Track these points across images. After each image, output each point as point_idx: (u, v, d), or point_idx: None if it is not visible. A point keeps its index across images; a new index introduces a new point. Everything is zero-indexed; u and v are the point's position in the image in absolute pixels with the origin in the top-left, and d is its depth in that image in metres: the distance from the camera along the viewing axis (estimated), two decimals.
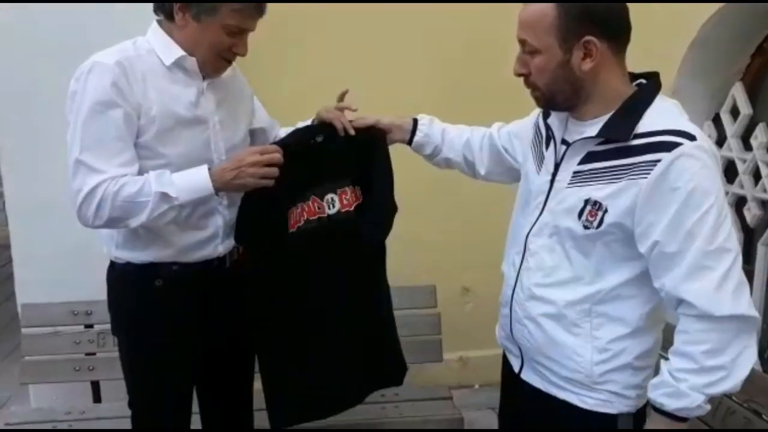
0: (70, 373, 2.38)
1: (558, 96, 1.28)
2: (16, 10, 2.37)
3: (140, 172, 1.47)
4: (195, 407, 1.82)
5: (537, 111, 1.47)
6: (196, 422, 1.84)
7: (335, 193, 1.62)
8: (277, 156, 1.49)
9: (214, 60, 1.52)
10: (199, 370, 1.71)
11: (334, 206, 1.61)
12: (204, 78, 1.56)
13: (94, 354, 2.39)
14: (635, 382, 1.30)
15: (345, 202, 1.62)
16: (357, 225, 1.63)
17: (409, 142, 1.70)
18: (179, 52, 1.51)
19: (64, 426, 2.26)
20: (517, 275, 1.38)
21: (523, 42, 1.27)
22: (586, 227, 1.24)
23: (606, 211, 1.21)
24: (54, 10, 2.35)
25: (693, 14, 2.34)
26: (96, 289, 2.42)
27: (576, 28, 1.20)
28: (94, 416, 2.33)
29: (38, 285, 2.51)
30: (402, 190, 2.84)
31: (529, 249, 1.35)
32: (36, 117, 1.45)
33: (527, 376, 1.41)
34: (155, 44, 1.53)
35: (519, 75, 1.30)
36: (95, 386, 2.44)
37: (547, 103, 1.32)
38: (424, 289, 2.44)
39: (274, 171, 1.49)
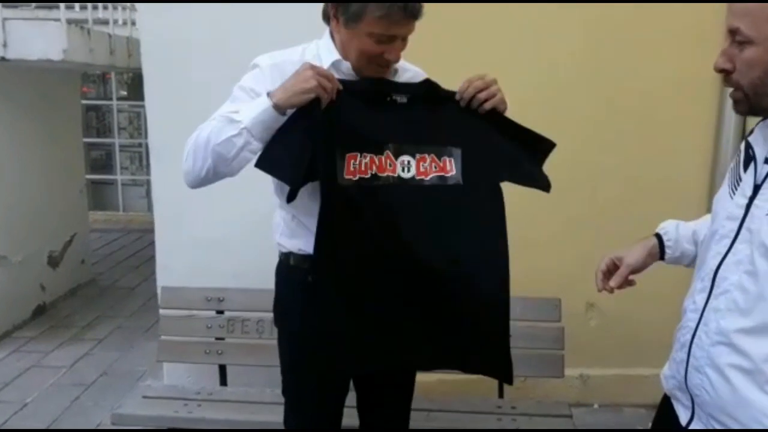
0: (201, 355, 2.52)
1: (765, 99, 1.09)
2: (172, 18, 2.56)
3: None
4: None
5: None
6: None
7: (413, 156, 1.51)
8: (332, 84, 1.44)
9: (366, 65, 1.51)
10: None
11: (409, 170, 1.51)
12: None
13: (222, 339, 2.51)
14: None
15: (422, 169, 1.51)
16: (435, 192, 1.51)
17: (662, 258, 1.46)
18: (336, 56, 1.53)
19: (194, 404, 2.39)
20: (701, 315, 1.17)
21: (734, 31, 1.08)
22: None
23: None
24: (208, 19, 2.51)
25: None
26: (229, 277, 2.57)
27: None
28: (220, 398, 2.44)
29: (177, 270, 2.69)
30: (528, 199, 2.82)
31: (718, 285, 1.14)
32: (185, 115, 1.54)
33: None
34: (322, 48, 1.57)
35: (721, 71, 1.12)
36: (222, 369, 2.56)
37: (750, 106, 1.12)
38: (548, 301, 2.36)
39: (333, 84, 1.44)
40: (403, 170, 1.50)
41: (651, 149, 2.77)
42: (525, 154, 1.61)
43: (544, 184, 1.64)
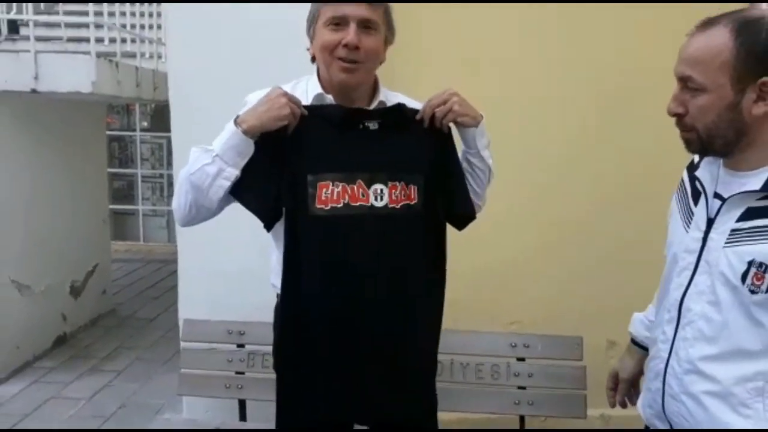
0: (221, 389, 2.51)
1: (717, 140, 1.16)
2: (200, 51, 2.62)
3: None
4: None
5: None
6: None
7: (386, 185, 1.48)
8: (300, 109, 1.46)
9: (331, 62, 1.49)
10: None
11: (382, 199, 1.48)
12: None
13: (243, 373, 2.51)
14: None
15: (394, 197, 1.48)
16: (405, 222, 1.50)
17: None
18: (319, 89, 1.56)
19: None
20: (672, 345, 1.24)
21: (685, 78, 1.16)
22: (753, 292, 1.11)
23: None
24: (235, 53, 2.58)
25: None
26: (250, 311, 2.57)
27: (755, 67, 1.10)
28: None
29: (199, 302, 2.70)
30: (546, 238, 2.82)
31: (684, 316, 1.22)
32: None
33: None
34: (310, 82, 1.59)
35: (674, 115, 1.19)
36: (242, 404, 2.56)
37: (702, 147, 1.19)
38: (569, 340, 2.34)
39: (301, 109, 1.46)
40: (375, 199, 1.48)
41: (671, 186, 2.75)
42: (461, 191, 1.62)
43: (464, 220, 1.64)
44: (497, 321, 2.68)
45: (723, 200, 1.18)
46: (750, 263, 1.11)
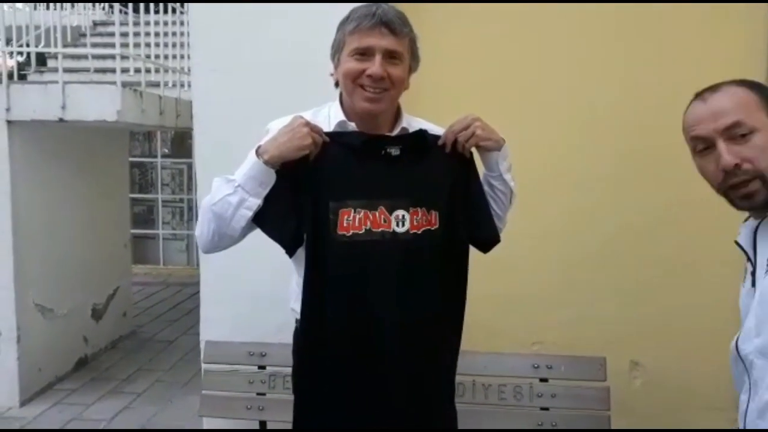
0: (243, 410, 2.52)
1: None
2: (225, 80, 2.68)
3: None
4: None
5: None
6: None
7: (407, 210, 1.49)
8: (321, 137, 1.48)
9: (353, 90, 1.50)
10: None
11: (403, 224, 1.48)
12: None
13: (264, 394, 2.52)
14: None
15: (416, 222, 1.49)
16: (426, 247, 1.51)
17: None
18: (342, 117, 1.56)
19: None
20: (749, 395, 1.17)
21: (732, 126, 1.14)
22: None
23: None
24: (256, 80, 2.63)
25: None
26: (271, 331, 2.58)
27: None
28: None
29: (220, 323, 2.71)
30: (568, 260, 2.82)
31: (745, 358, 1.17)
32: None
33: None
34: (332, 109, 1.60)
35: (736, 166, 1.13)
36: (263, 425, 2.56)
37: None
38: (593, 360, 2.32)
39: (323, 137, 1.47)
40: (397, 225, 1.48)
41: (684, 204, 2.73)
42: (484, 216, 1.62)
43: (489, 243, 1.65)
44: (519, 343, 2.67)
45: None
46: None
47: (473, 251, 1.64)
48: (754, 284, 1.17)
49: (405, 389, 1.53)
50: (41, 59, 5.55)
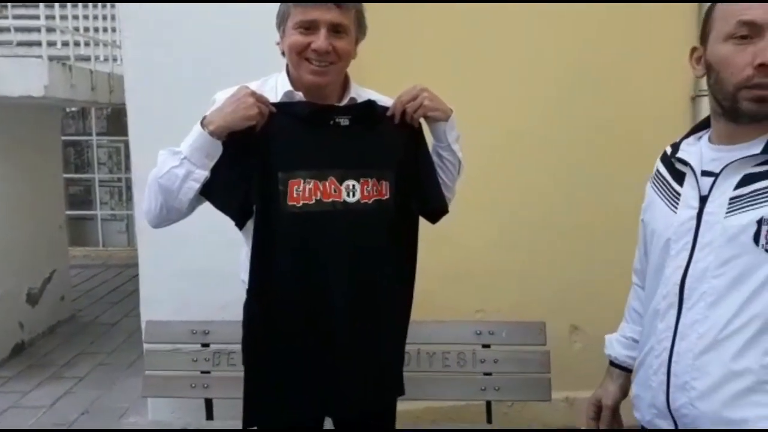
0: (187, 389, 2.48)
1: None
2: (157, 52, 2.59)
3: None
4: None
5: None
6: None
7: (358, 180, 1.49)
8: (268, 108, 1.46)
9: (299, 63, 1.49)
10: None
11: (354, 194, 1.49)
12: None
13: (208, 372, 2.48)
14: None
15: (366, 193, 1.49)
16: (377, 217, 1.51)
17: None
18: (289, 86, 1.54)
19: None
20: (675, 332, 1.17)
21: None
22: None
23: None
24: (193, 52, 2.55)
25: None
26: (214, 309, 2.55)
27: None
28: None
29: (161, 303, 2.66)
30: (508, 221, 2.87)
31: (689, 298, 1.16)
32: (167, 143, 1.56)
33: None
34: (280, 79, 1.57)
35: None
36: (209, 404, 2.53)
37: None
38: (533, 325, 2.38)
39: (269, 108, 1.45)
40: (348, 195, 1.48)
41: (631, 173, 2.82)
42: (433, 186, 1.64)
43: (437, 213, 1.68)
44: (463, 312, 2.71)
45: (715, 176, 1.16)
46: (759, 221, 1.08)
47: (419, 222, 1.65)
48: (700, 215, 1.16)
49: (356, 359, 1.54)
50: None
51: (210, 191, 1.47)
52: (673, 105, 2.86)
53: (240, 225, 1.53)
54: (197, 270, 2.61)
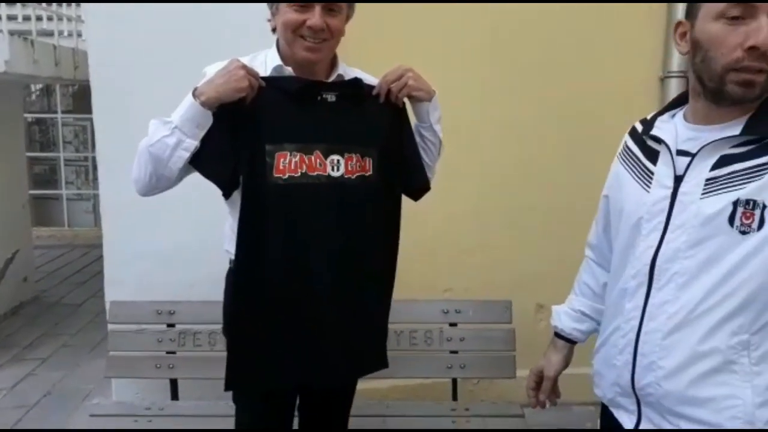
0: (152, 369, 2.46)
1: None
2: (121, 29, 2.52)
3: None
4: None
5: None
6: None
7: (342, 155, 1.53)
8: (257, 81, 1.47)
9: (293, 41, 1.51)
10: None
11: (338, 169, 1.53)
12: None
13: (174, 353, 2.46)
14: None
15: (350, 168, 1.53)
16: (362, 192, 1.55)
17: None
18: (278, 61, 1.56)
19: (145, 420, 2.34)
20: (643, 312, 1.17)
21: None
22: (744, 232, 1.05)
23: (765, 206, 1.04)
24: (158, 30, 2.49)
25: None
26: (180, 290, 2.53)
27: None
28: (172, 413, 2.39)
29: (126, 284, 2.62)
30: (477, 204, 2.89)
31: (659, 279, 1.14)
32: (134, 126, 1.56)
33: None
34: (269, 55, 1.60)
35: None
36: (174, 384, 2.51)
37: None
38: (499, 304, 2.40)
39: (258, 81, 1.47)
40: (333, 169, 1.52)
41: (598, 153, 2.85)
42: (416, 164, 1.67)
43: (420, 191, 1.71)
44: (431, 290, 2.72)
45: (692, 156, 1.13)
46: (735, 203, 1.06)
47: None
48: (674, 195, 1.14)
49: (340, 329, 1.57)
50: None
51: (199, 161, 1.50)
52: (643, 86, 2.89)
53: (227, 195, 1.56)
54: (162, 250, 2.58)
